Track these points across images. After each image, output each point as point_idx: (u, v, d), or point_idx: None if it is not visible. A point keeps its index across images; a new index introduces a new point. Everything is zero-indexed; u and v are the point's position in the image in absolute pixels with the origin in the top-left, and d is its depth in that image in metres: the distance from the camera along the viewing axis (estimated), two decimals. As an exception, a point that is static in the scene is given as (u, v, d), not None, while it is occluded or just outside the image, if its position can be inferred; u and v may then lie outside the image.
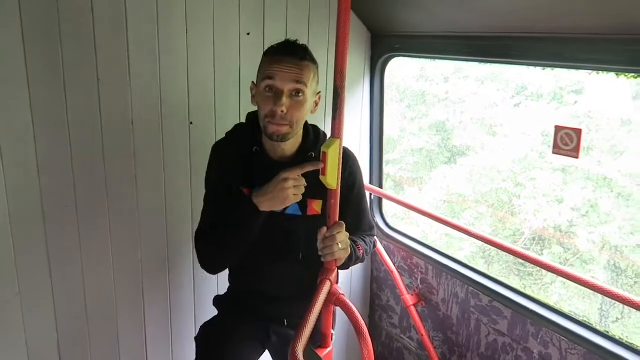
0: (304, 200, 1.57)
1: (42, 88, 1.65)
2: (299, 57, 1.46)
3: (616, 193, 3.64)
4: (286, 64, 1.44)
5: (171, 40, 1.86)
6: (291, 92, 1.45)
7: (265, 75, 1.46)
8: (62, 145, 1.73)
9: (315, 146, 1.60)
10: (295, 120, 1.48)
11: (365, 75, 2.42)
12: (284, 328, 1.73)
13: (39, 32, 1.61)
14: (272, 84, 1.45)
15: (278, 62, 1.44)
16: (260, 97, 1.48)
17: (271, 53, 1.49)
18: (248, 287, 1.74)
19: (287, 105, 1.44)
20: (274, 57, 1.47)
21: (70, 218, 1.80)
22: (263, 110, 1.47)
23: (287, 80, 1.44)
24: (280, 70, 1.44)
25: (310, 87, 1.49)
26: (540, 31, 1.65)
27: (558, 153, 1.70)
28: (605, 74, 3.22)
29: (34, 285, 1.77)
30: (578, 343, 1.71)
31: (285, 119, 1.45)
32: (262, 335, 1.73)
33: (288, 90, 1.45)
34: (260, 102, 1.49)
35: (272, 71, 1.44)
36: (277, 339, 1.73)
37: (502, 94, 4.55)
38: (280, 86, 1.44)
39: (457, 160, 4.67)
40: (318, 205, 1.61)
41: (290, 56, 1.45)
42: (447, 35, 2.00)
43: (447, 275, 2.22)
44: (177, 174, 1.98)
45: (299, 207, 1.61)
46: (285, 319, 1.72)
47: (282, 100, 1.43)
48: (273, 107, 1.44)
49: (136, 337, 2.06)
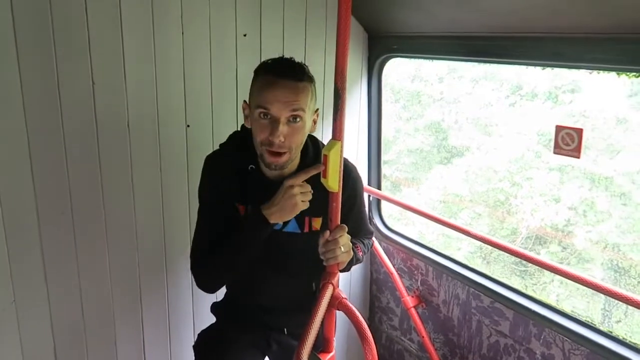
0: (302, 218, 1.53)
1: (36, 92, 1.62)
2: (295, 79, 1.36)
3: (612, 192, 3.65)
4: (281, 89, 1.34)
5: (167, 42, 1.83)
6: (288, 119, 1.36)
7: (259, 102, 1.36)
8: (57, 150, 1.70)
9: (314, 162, 1.49)
10: (294, 146, 1.40)
11: (362, 77, 2.40)
12: (284, 336, 1.70)
13: (31, 35, 1.58)
14: (268, 112, 1.35)
15: (272, 87, 1.34)
16: (255, 124, 1.39)
17: (265, 73, 1.38)
18: (245, 299, 1.70)
19: (284, 133, 1.36)
20: (269, 79, 1.35)
21: (65, 224, 1.76)
22: (258, 137, 1.39)
23: (283, 108, 1.34)
24: (275, 97, 1.34)
25: (308, 109, 1.41)
26: (540, 31, 1.64)
27: (559, 153, 1.69)
28: (602, 73, 3.23)
29: (30, 293, 1.74)
30: (581, 343, 1.70)
31: (283, 147, 1.38)
32: (263, 343, 1.69)
33: (285, 118, 1.36)
34: (255, 128, 1.40)
35: (266, 98, 1.34)
36: (278, 347, 1.70)
37: (497, 94, 4.55)
38: (276, 114, 1.35)
39: (453, 161, 4.67)
40: (318, 223, 1.56)
41: (286, 79, 1.35)
42: (445, 35, 1.99)
43: (447, 276, 2.20)
44: (174, 178, 1.96)
45: (297, 225, 1.55)
46: (285, 327, 1.69)
47: (279, 129, 1.35)
48: (269, 136, 1.36)
49: (134, 344, 2.03)
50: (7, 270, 1.67)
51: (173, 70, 1.87)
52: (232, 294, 1.76)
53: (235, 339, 1.63)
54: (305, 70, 1.40)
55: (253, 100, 1.40)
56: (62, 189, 1.73)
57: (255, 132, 1.40)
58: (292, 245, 1.56)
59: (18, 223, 1.67)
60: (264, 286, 1.63)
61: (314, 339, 1.24)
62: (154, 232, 1.96)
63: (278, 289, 1.62)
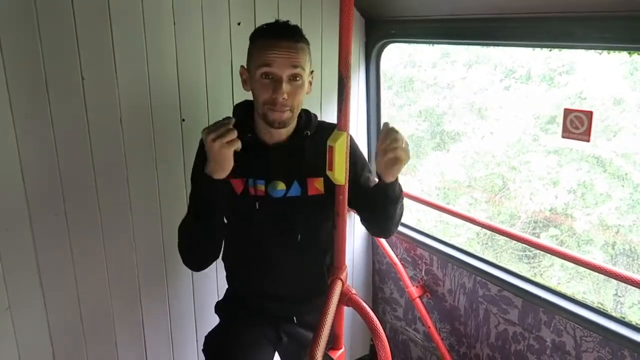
0: (303, 179, 1.54)
1: (23, 90, 1.54)
2: (294, 40, 1.41)
3: (610, 173, 3.64)
4: (282, 48, 1.39)
5: (158, 33, 1.75)
6: (289, 77, 1.41)
7: (261, 62, 1.40)
8: (47, 149, 1.62)
9: (308, 125, 1.56)
10: (295, 105, 1.45)
11: (360, 63, 2.34)
12: (294, 326, 1.67)
13: (15, 27, 1.50)
14: (270, 71, 1.40)
15: (273, 47, 1.38)
16: (257, 84, 1.42)
17: (263, 36, 1.42)
18: (250, 287, 1.66)
19: (287, 91, 1.41)
20: (268, 41, 1.40)
21: (59, 225, 1.70)
22: (261, 97, 1.42)
23: (285, 66, 1.39)
24: (277, 56, 1.38)
25: (306, 68, 1.46)
26: (547, 10, 1.58)
27: (568, 137, 1.65)
28: (603, 53, 3.18)
29: (25, 298, 1.67)
30: (593, 330, 1.68)
31: (286, 105, 1.42)
32: (273, 337, 1.66)
33: (287, 76, 1.40)
34: (257, 90, 1.44)
35: (268, 57, 1.39)
36: (288, 339, 1.67)
37: (491, 77, 4.50)
38: (278, 73, 1.39)
39: (448, 146, 4.63)
40: (320, 183, 1.55)
41: (285, 39, 1.40)
42: (446, 18, 1.92)
43: (452, 265, 2.17)
44: (170, 173, 1.89)
45: (299, 186, 1.55)
46: (295, 316, 1.66)
47: (282, 87, 1.39)
48: (272, 95, 1.40)
49: (135, 347, 1.98)
50: (0, 275, 1.61)
51: (166, 63, 1.79)
52: (235, 287, 1.73)
53: (245, 338, 1.60)
54: (301, 31, 1.45)
55: (253, 63, 1.43)
56: (55, 190, 1.66)
57: (258, 93, 1.43)
58: (297, 210, 1.55)
59: (9, 226, 1.60)
60: (271, 268, 1.60)
61: (327, 338, 1.21)
62: (151, 229, 1.90)
63: (286, 269, 1.60)
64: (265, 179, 1.53)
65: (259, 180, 1.53)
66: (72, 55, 1.60)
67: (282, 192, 1.54)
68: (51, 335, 1.75)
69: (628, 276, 1.55)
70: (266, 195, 1.53)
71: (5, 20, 1.48)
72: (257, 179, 1.53)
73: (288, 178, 1.54)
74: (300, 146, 1.55)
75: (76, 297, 1.78)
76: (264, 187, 1.53)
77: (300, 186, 1.55)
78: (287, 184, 1.54)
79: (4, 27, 1.48)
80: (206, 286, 2.08)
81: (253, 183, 1.52)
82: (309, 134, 1.55)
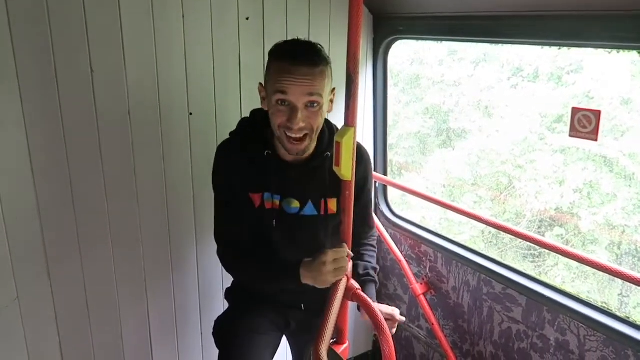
0: (318, 200, 1.54)
1: (33, 80, 1.55)
2: (313, 64, 1.34)
3: (617, 173, 3.62)
4: (299, 75, 1.32)
5: (167, 27, 1.76)
6: (306, 105, 1.36)
7: (276, 89, 1.34)
8: (56, 141, 1.64)
9: (330, 146, 1.50)
10: (314, 128, 1.40)
11: (367, 60, 2.34)
12: (302, 313, 1.70)
13: (26, 20, 1.51)
14: (285, 99, 1.35)
15: (290, 75, 1.32)
16: (273, 109, 1.38)
17: (280, 58, 1.35)
18: None
19: (303, 119, 1.36)
20: (284, 66, 1.33)
21: (67, 217, 1.71)
22: (277, 121, 1.38)
23: (301, 95, 1.34)
24: (293, 84, 1.32)
25: (326, 92, 1.40)
26: (556, 8, 1.58)
27: (575, 136, 1.64)
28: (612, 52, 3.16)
29: (33, 289, 1.69)
30: (597, 329, 1.68)
31: (303, 130, 1.38)
32: (281, 323, 1.70)
33: (303, 104, 1.35)
34: (273, 113, 1.39)
35: (283, 85, 1.33)
36: (296, 325, 1.71)
37: (498, 75, 4.48)
38: (294, 101, 1.35)
39: (454, 144, 4.62)
40: (333, 204, 1.56)
41: (303, 65, 1.33)
42: (454, 16, 1.92)
43: (457, 263, 2.17)
44: (177, 166, 1.90)
45: (315, 207, 1.56)
46: (303, 303, 1.69)
47: (298, 116, 1.35)
48: (287, 123, 1.36)
49: (141, 337, 2.00)
50: (9, 267, 1.63)
51: (174, 57, 1.80)
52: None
53: (253, 322, 1.63)
54: (321, 53, 1.38)
55: (270, 86, 1.38)
56: (63, 181, 1.68)
57: (274, 117, 1.39)
58: (310, 227, 1.57)
59: (18, 217, 1.62)
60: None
61: (331, 333, 1.22)
62: (158, 222, 1.92)
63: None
64: (281, 195, 1.53)
65: (276, 196, 1.52)
66: (82, 47, 1.61)
67: (295, 209, 1.54)
68: (58, 324, 1.77)
69: (633, 276, 1.55)
70: (281, 209, 1.54)
71: (17, 13, 1.49)
72: (274, 194, 1.52)
73: (303, 197, 1.54)
74: (320, 167, 1.53)
75: (83, 288, 1.80)
76: (279, 202, 1.53)
77: (314, 206, 1.56)
78: (301, 203, 1.54)
79: (16, 19, 1.49)
80: (211, 274, 2.10)
81: (270, 197, 1.52)
82: (329, 155, 1.50)
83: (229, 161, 1.52)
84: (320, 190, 1.53)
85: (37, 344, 1.74)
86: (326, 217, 1.56)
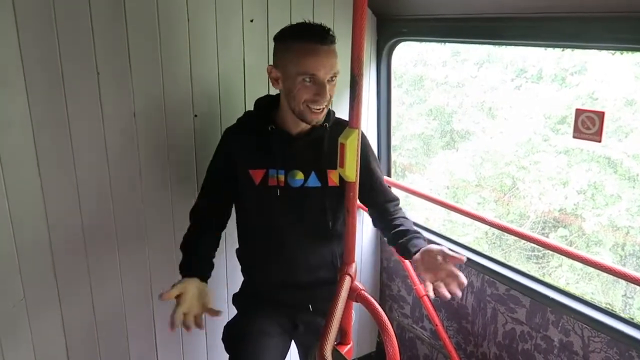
0: (322, 171, 1.61)
1: (39, 82, 1.57)
2: (332, 43, 1.48)
3: (620, 174, 3.61)
4: (323, 55, 1.45)
5: (172, 29, 1.77)
6: (328, 79, 1.49)
7: (304, 69, 1.45)
8: (64, 145, 1.65)
9: (327, 119, 1.62)
10: (331, 100, 1.53)
11: (371, 62, 2.34)
12: (309, 314, 1.71)
13: (32, 22, 1.52)
14: (314, 77, 1.46)
15: (314, 54, 1.44)
16: (298, 86, 1.48)
17: (303, 40, 1.46)
18: (267, 277, 1.71)
19: (329, 92, 1.49)
20: (310, 47, 1.45)
21: (74, 219, 1.73)
22: (302, 97, 1.48)
23: (327, 72, 1.47)
24: (321, 63, 1.45)
25: None
26: (559, 10, 1.58)
27: (579, 137, 1.64)
28: (615, 54, 3.16)
29: (40, 290, 1.71)
30: (601, 330, 1.68)
31: (326, 102, 1.51)
32: (289, 326, 1.72)
33: (327, 79, 1.48)
34: (296, 90, 1.48)
35: (311, 64, 1.44)
36: (304, 327, 1.72)
37: (502, 76, 4.48)
38: (322, 78, 1.46)
39: (458, 145, 4.62)
40: (336, 176, 1.62)
41: (326, 44, 1.46)
42: (458, 17, 1.93)
43: (461, 264, 2.17)
44: (182, 169, 1.91)
45: (318, 178, 1.61)
46: (310, 304, 1.70)
47: (327, 90, 1.47)
48: (315, 97, 1.48)
49: (147, 339, 2.01)
50: (15, 267, 1.64)
51: (179, 59, 1.81)
52: (252, 278, 1.77)
53: (262, 327, 1.66)
54: (331, 31, 1.51)
55: (293, 67, 1.47)
56: (69, 182, 1.69)
57: (299, 94, 1.49)
58: (315, 200, 1.62)
59: (25, 219, 1.63)
60: (287, 255, 1.66)
61: (335, 334, 1.22)
62: (163, 225, 1.92)
63: (302, 257, 1.66)
64: (285, 169, 1.59)
65: (280, 171, 1.59)
66: (88, 49, 1.63)
67: (300, 181, 1.60)
68: (64, 325, 1.78)
69: (637, 277, 1.55)
70: (286, 184, 1.59)
71: (23, 16, 1.50)
72: (278, 169, 1.59)
73: (307, 168, 1.61)
74: (321, 137, 1.61)
75: (89, 290, 1.81)
76: (284, 177, 1.59)
77: (318, 178, 1.62)
78: (305, 174, 1.61)
79: (22, 22, 1.50)
80: (216, 279, 2.10)
81: (275, 174, 1.59)
82: (328, 126, 1.61)
83: (232, 138, 1.65)
84: (323, 161, 1.60)
85: (43, 343, 1.75)
86: (329, 189, 1.62)
